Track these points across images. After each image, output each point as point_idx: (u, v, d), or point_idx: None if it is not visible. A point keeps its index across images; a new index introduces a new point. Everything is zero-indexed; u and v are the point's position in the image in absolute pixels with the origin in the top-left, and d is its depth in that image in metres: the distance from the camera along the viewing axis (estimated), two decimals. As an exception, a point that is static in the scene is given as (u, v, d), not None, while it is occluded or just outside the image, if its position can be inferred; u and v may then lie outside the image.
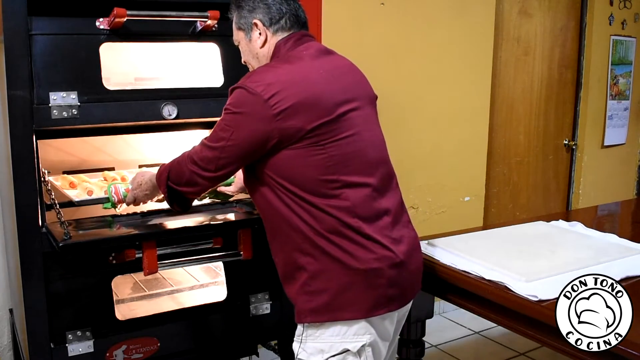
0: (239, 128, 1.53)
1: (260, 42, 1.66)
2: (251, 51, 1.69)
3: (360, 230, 1.55)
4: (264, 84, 1.51)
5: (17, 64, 1.61)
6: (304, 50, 1.63)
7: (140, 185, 1.77)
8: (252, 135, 1.52)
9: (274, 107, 1.49)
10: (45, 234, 1.68)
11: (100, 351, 1.80)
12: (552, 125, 4.21)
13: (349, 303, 1.55)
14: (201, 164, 1.58)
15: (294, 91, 1.51)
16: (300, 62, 1.60)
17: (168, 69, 2.13)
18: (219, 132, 1.56)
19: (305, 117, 1.51)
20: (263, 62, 1.68)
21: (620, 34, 4.31)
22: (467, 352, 3.28)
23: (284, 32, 1.65)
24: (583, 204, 4.26)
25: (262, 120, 1.50)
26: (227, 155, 1.56)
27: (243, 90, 1.52)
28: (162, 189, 1.67)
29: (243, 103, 1.52)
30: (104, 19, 1.76)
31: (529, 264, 1.94)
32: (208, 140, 1.59)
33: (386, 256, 1.57)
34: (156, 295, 2.19)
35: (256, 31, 1.65)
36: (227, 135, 1.54)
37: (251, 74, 1.57)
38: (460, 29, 3.45)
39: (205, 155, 1.57)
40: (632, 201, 3.60)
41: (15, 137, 1.63)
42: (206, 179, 1.60)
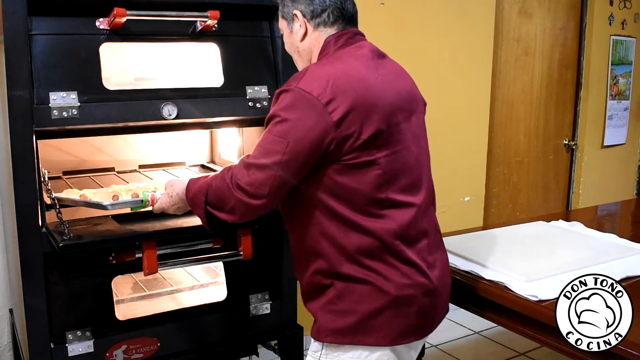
0: (296, 138, 1.35)
1: (300, 34, 1.53)
2: (292, 44, 1.58)
3: (400, 254, 1.44)
4: (320, 87, 1.36)
5: (17, 64, 1.61)
6: (356, 50, 1.50)
7: (171, 197, 1.63)
8: (311, 146, 1.35)
9: (332, 113, 1.34)
10: (45, 234, 1.68)
11: (100, 351, 1.80)
12: (552, 125, 4.21)
13: (376, 328, 1.45)
14: (250, 190, 1.39)
15: (351, 96, 1.37)
16: (354, 62, 1.45)
17: (168, 69, 2.13)
18: (270, 145, 1.37)
19: (363, 125, 1.37)
20: (304, 58, 1.57)
21: (620, 34, 4.31)
22: (467, 352, 3.28)
23: (327, 27, 1.52)
24: (583, 204, 4.26)
25: (321, 128, 1.34)
26: (283, 173, 1.37)
27: (296, 94, 1.36)
28: (198, 213, 1.51)
29: (298, 108, 1.36)
30: (104, 19, 1.76)
31: (529, 264, 1.94)
32: (254, 158, 1.40)
33: (420, 283, 1.47)
34: (156, 295, 2.19)
35: (297, 22, 1.53)
36: (281, 148, 1.35)
37: (301, 75, 1.41)
38: (460, 29, 3.45)
39: (255, 178, 1.38)
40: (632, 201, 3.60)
41: (15, 137, 1.63)
42: (258, 207, 1.41)
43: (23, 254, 1.67)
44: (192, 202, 1.53)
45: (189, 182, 1.56)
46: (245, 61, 1.97)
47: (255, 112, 1.96)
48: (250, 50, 1.98)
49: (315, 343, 1.53)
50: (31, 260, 1.68)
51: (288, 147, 1.35)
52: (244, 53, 1.97)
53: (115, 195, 1.72)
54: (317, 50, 1.53)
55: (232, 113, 1.93)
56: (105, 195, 1.75)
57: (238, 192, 1.40)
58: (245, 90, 1.94)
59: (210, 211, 1.48)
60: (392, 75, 1.50)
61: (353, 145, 1.37)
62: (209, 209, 1.48)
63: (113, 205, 1.69)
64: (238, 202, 1.41)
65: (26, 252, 1.67)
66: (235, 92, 1.93)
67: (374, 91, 1.41)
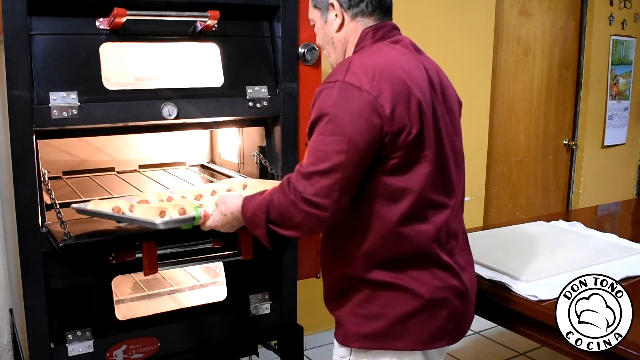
0: (354, 134, 1.27)
1: (336, 25, 1.47)
2: (326, 34, 1.51)
3: (435, 257, 1.40)
4: (368, 79, 1.30)
5: (17, 64, 1.61)
6: (395, 43, 1.44)
7: (225, 216, 1.52)
8: (370, 141, 1.28)
9: (384, 106, 1.28)
10: (45, 234, 1.68)
11: (100, 351, 1.80)
12: (552, 125, 4.21)
13: (407, 332, 1.41)
14: (318, 201, 1.29)
15: (398, 89, 1.31)
16: (396, 55, 1.40)
17: (168, 69, 2.13)
18: (328, 147, 1.28)
19: (411, 119, 1.32)
20: (339, 49, 1.50)
21: (620, 34, 4.31)
22: (467, 352, 3.28)
23: (365, 18, 1.46)
24: (583, 204, 4.26)
25: (377, 121, 1.28)
26: (350, 173, 1.29)
27: (344, 87, 1.30)
28: (259, 233, 1.41)
29: (349, 102, 1.29)
30: (104, 19, 1.76)
31: (529, 264, 1.94)
32: (312, 165, 1.30)
33: (452, 285, 1.43)
34: (156, 295, 2.19)
35: (332, 12, 1.46)
36: (342, 147, 1.27)
37: (345, 68, 1.34)
38: (460, 29, 3.45)
39: (320, 186, 1.28)
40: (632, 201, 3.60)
41: (15, 137, 1.62)
42: (327, 219, 1.32)
43: (23, 254, 1.67)
44: (251, 221, 1.42)
45: (244, 201, 1.46)
46: (245, 61, 1.97)
47: (255, 112, 1.96)
48: (250, 50, 1.98)
49: (341, 348, 1.48)
50: (31, 260, 1.68)
51: (349, 144, 1.27)
52: (244, 53, 1.97)
53: (162, 212, 1.56)
54: (353, 41, 1.47)
55: (232, 113, 1.93)
56: (152, 212, 1.57)
57: (305, 206, 1.30)
58: (245, 90, 1.94)
59: (273, 229, 1.38)
60: (431, 71, 1.45)
61: (406, 140, 1.32)
62: (272, 227, 1.38)
63: (166, 223, 1.54)
64: (306, 216, 1.31)
65: (26, 252, 1.67)
66: (235, 92, 1.93)
67: (417, 85, 1.36)
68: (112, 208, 1.64)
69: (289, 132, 2.02)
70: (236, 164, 2.39)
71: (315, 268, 2.19)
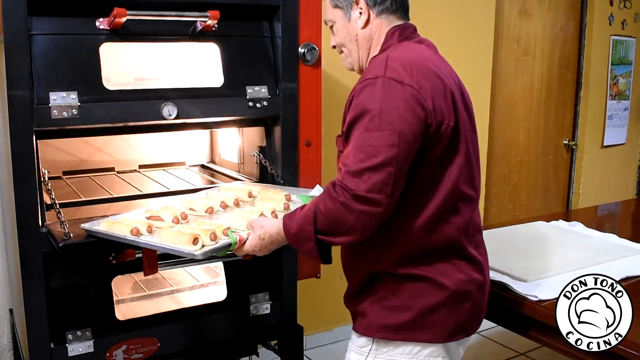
0: (404, 127, 1.28)
1: (361, 22, 1.48)
2: (349, 32, 1.51)
3: (462, 251, 1.43)
4: (408, 74, 1.32)
5: (17, 64, 1.61)
6: (420, 43, 1.49)
7: (263, 240, 1.49)
8: (418, 134, 1.30)
9: (426, 99, 1.31)
10: (45, 234, 1.68)
11: (100, 351, 1.80)
12: (552, 125, 4.21)
13: (431, 325, 1.42)
14: (372, 196, 1.27)
15: (434, 83, 1.35)
16: (425, 53, 1.44)
17: (168, 69, 2.13)
18: (377, 142, 1.27)
19: (449, 112, 1.36)
20: (363, 47, 1.51)
21: (620, 34, 4.31)
22: (467, 352, 3.26)
23: (389, 15, 1.49)
24: (583, 204, 4.26)
25: (422, 114, 1.30)
26: (401, 167, 1.29)
27: (387, 82, 1.31)
28: (308, 247, 1.36)
29: (394, 97, 1.30)
30: (104, 19, 1.76)
31: (529, 264, 1.94)
32: (361, 162, 1.28)
33: (476, 279, 1.46)
34: (156, 295, 2.19)
35: (357, 10, 1.48)
36: (393, 141, 1.27)
37: (383, 64, 1.35)
38: (460, 29, 3.45)
39: (374, 181, 1.26)
40: (632, 201, 3.60)
41: (15, 137, 1.62)
42: (381, 215, 1.30)
43: (23, 254, 1.67)
44: (297, 237, 1.38)
45: (285, 219, 1.43)
46: (245, 61, 1.97)
47: (255, 112, 1.96)
48: (250, 50, 1.98)
49: (362, 338, 1.49)
50: (31, 260, 1.68)
51: (399, 138, 1.27)
52: (244, 53, 1.97)
53: (196, 239, 1.50)
54: (378, 38, 1.50)
55: (232, 113, 1.93)
56: (184, 238, 1.50)
57: (358, 205, 1.27)
58: (245, 90, 1.94)
59: (323, 239, 1.34)
60: (451, 70, 1.50)
61: (446, 132, 1.35)
62: (321, 237, 1.34)
63: (205, 253, 1.48)
64: (360, 215, 1.28)
65: (26, 252, 1.67)
66: (235, 92, 1.93)
67: (448, 81, 1.41)
68: (131, 231, 1.57)
69: (289, 132, 2.02)
70: (236, 164, 2.39)
71: (315, 268, 2.19)
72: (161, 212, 1.71)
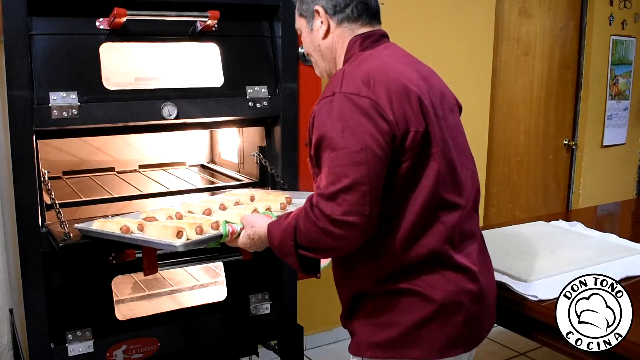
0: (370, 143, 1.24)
1: (322, 32, 1.45)
2: (312, 42, 1.48)
3: (448, 260, 1.36)
4: (365, 86, 1.28)
5: (17, 64, 1.61)
6: (384, 49, 1.44)
7: (253, 239, 1.48)
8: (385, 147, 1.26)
9: (386, 110, 1.27)
10: (45, 234, 1.68)
11: (100, 351, 1.80)
12: (552, 125, 4.21)
13: (421, 341, 1.36)
14: (350, 219, 1.23)
15: (396, 91, 1.30)
16: (387, 60, 1.39)
17: (168, 69, 2.13)
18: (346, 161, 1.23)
19: (416, 119, 1.30)
20: (327, 57, 1.48)
21: (620, 34, 4.31)
22: (467, 352, 3.28)
23: (351, 23, 1.44)
24: (583, 204, 4.26)
25: (385, 127, 1.26)
26: (375, 183, 1.24)
27: (345, 99, 1.27)
28: (290, 260, 1.36)
29: (354, 112, 1.26)
30: (104, 19, 1.76)
31: (529, 264, 1.94)
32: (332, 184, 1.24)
33: (468, 289, 1.39)
34: (156, 295, 2.19)
35: (318, 19, 1.44)
36: (362, 158, 1.23)
37: (339, 79, 1.32)
38: (460, 29, 3.45)
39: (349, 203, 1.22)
40: (632, 201, 3.60)
41: (15, 137, 1.62)
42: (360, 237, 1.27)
43: (23, 254, 1.67)
44: (280, 250, 1.38)
45: (270, 227, 1.41)
46: (245, 61, 1.97)
47: (255, 112, 1.96)
48: (250, 50, 1.98)
49: (353, 359, 1.45)
50: (31, 260, 1.68)
51: (366, 153, 1.23)
52: (244, 53, 1.97)
53: (179, 232, 1.49)
54: (342, 48, 1.46)
55: (232, 113, 1.93)
56: (168, 232, 1.50)
57: (337, 229, 1.24)
58: (245, 90, 1.94)
59: (305, 254, 1.33)
60: (425, 73, 1.44)
61: (414, 139, 1.30)
62: (303, 252, 1.32)
63: (186, 245, 1.47)
64: (339, 239, 1.25)
65: (26, 252, 1.67)
66: (235, 92, 1.93)
67: (413, 83, 1.35)
68: (121, 228, 1.58)
69: (289, 132, 2.02)
70: (236, 164, 2.39)
71: (315, 268, 2.19)
72: (157, 212, 1.70)
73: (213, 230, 1.51)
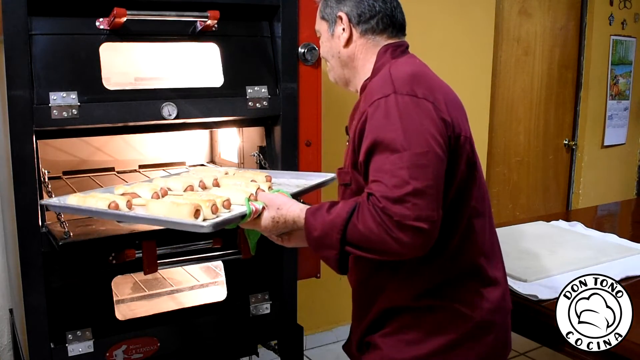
0: (431, 142, 1.17)
1: (343, 40, 1.39)
2: (332, 48, 1.42)
3: (484, 273, 1.31)
4: (420, 87, 1.22)
5: (17, 64, 1.61)
6: (415, 59, 1.38)
7: (277, 223, 1.33)
8: (443, 146, 1.19)
9: (442, 110, 1.22)
10: (45, 234, 1.68)
11: (100, 351, 1.80)
12: (552, 125, 4.21)
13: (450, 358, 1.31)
14: (421, 225, 1.13)
15: (445, 91, 1.28)
16: (422, 65, 1.35)
17: (168, 69, 2.13)
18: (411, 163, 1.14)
19: (464, 124, 1.27)
20: (348, 65, 1.42)
21: (620, 34, 4.31)
22: (467, 352, 3.27)
23: (375, 36, 1.38)
24: (583, 204, 4.26)
25: (443, 126, 1.21)
26: (440, 186, 1.18)
27: (400, 99, 1.20)
28: (328, 253, 1.23)
29: (412, 113, 1.19)
30: (104, 19, 1.76)
31: (529, 264, 1.94)
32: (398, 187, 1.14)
33: (502, 307, 1.35)
34: (156, 295, 2.19)
35: (340, 26, 1.38)
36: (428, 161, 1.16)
37: (388, 80, 1.25)
38: (460, 29, 3.45)
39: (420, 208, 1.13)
40: (632, 201, 3.60)
41: (15, 137, 1.62)
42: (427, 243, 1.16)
43: (23, 254, 1.67)
44: (319, 241, 1.24)
45: (309, 215, 1.27)
46: (245, 61, 1.97)
47: (255, 112, 1.96)
48: (250, 50, 1.98)
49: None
50: (31, 260, 1.68)
51: (431, 156, 1.15)
52: (244, 53, 1.97)
53: (197, 210, 1.29)
54: (364, 59, 1.40)
55: (232, 113, 1.93)
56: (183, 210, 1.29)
57: (403, 234, 1.13)
58: (245, 90, 1.94)
59: (351, 251, 1.20)
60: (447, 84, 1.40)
61: (465, 143, 1.26)
62: (349, 248, 1.20)
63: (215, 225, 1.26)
64: (403, 245, 1.14)
65: (26, 252, 1.67)
66: (235, 92, 1.93)
67: (450, 91, 1.33)
68: (109, 205, 1.38)
69: (289, 132, 2.02)
70: (236, 163, 2.39)
71: (315, 268, 2.19)
72: (136, 187, 1.51)
73: (225, 209, 1.36)
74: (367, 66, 1.40)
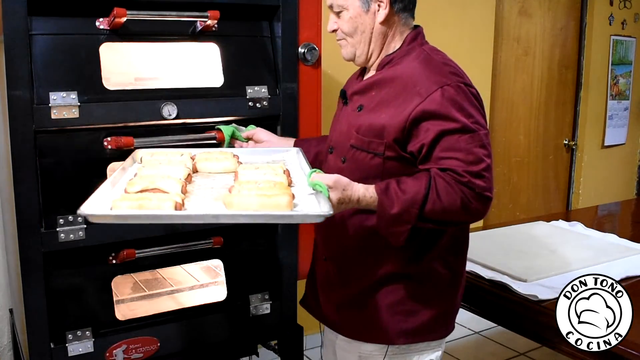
0: (485, 125, 1.38)
1: (381, 17, 1.44)
2: (363, 24, 1.45)
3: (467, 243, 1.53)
4: (465, 76, 1.44)
5: (17, 64, 1.61)
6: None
7: (342, 204, 1.32)
8: None
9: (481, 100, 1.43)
10: (46, 234, 1.68)
11: (100, 351, 1.80)
12: (552, 125, 4.21)
13: (444, 322, 1.46)
14: (490, 195, 1.33)
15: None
16: None
17: (168, 69, 2.13)
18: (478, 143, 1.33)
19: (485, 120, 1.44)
20: (377, 42, 1.47)
21: (620, 34, 4.31)
22: (467, 352, 3.28)
23: (406, 13, 1.49)
24: (583, 204, 4.26)
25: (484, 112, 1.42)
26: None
27: (462, 86, 1.38)
28: (403, 228, 1.32)
29: (470, 98, 1.38)
30: (104, 19, 1.76)
31: (529, 264, 1.94)
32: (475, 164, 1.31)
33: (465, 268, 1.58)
34: (156, 295, 2.19)
35: (376, 2, 1.43)
36: (488, 140, 1.37)
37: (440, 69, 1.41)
38: (460, 29, 3.45)
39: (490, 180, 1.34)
40: (632, 201, 3.60)
41: (15, 137, 1.63)
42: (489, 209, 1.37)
43: (23, 254, 1.67)
44: (397, 218, 1.31)
45: (379, 193, 1.33)
46: (245, 61, 1.97)
47: (255, 112, 1.96)
48: (250, 50, 1.98)
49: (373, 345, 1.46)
50: (31, 260, 1.68)
51: (489, 137, 1.36)
52: (244, 53, 1.97)
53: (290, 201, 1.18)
54: (393, 35, 1.49)
55: (232, 113, 1.93)
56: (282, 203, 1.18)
57: (478, 203, 1.32)
58: (245, 90, 1.94)
59: (423, 225, 1.33)
60: None
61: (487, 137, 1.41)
62: (422, 223, 1.32)
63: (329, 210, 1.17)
64: (475, 214, 1.34)
65: (26, 252, 1.67)
66: (235, 92, 1.93)
67: None
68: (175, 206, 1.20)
69: (289, 132, 2.02)
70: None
71: (315, 268, 2.18)
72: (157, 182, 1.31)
73: None
74: (392, 44, 1.50)
